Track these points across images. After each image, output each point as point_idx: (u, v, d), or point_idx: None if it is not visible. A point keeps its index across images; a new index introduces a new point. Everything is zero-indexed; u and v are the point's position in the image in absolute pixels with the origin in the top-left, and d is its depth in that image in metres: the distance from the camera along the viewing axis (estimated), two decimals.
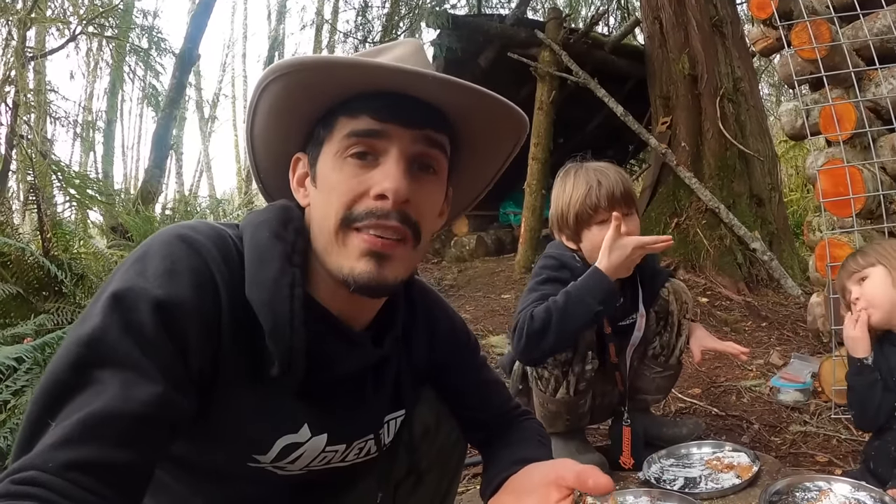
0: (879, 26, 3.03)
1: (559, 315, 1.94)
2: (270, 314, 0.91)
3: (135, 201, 7.47)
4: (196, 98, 21.17)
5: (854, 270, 1.94)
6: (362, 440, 1.13)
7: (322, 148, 0.99)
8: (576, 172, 2.14)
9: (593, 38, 6.90)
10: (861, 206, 2.84)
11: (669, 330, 2.30)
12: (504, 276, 5.87)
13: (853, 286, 1.94)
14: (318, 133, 1.01)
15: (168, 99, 10.54)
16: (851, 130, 2.92)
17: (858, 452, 2.32)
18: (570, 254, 2.15)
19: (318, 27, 15.36)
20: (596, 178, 2.08)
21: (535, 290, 2.10)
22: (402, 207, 0.94)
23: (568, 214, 2.10)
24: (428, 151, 0.99)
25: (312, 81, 0.94)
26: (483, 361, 1.41)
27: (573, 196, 2.09)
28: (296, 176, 1.06)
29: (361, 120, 0.95)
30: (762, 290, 5.12)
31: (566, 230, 2.14)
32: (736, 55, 5.95)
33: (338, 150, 0.96)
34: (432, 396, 1.32)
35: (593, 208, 2.06)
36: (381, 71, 0.92)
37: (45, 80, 8.62)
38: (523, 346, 1.98)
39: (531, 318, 1.96)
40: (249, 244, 0.96)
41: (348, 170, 0.95)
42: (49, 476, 0.71)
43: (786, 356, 3.50)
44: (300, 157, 1.05)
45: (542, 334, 1.95)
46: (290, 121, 1.02)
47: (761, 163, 5.72)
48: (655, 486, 1.97)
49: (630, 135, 6.65)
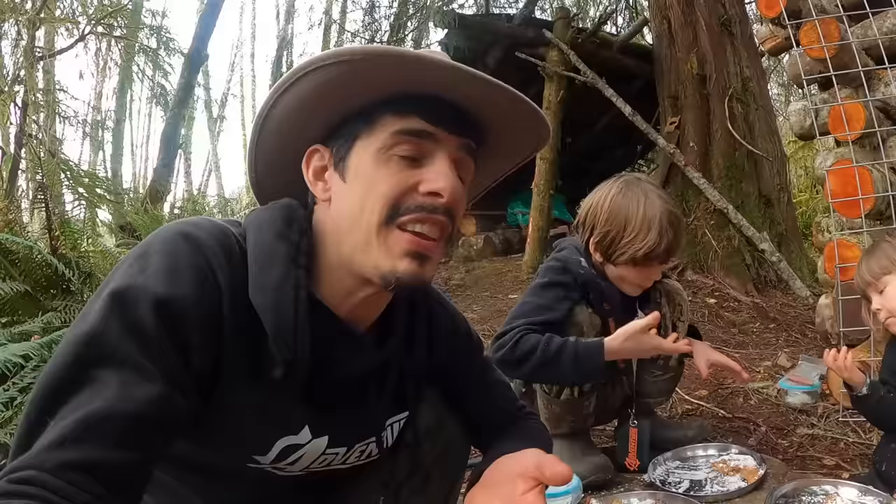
0: (889, 25, 3.02)
1: (542, 359, 1.93)
2: (274, 318, 0.91)
3: (143, 200, 7.52)
4: (204, 98, 21.22)
5: (870, 281, 1.92)
6: (364, 443, 1.13)
7: (356, 142, 0.97)
8: (648, 200, 2.01)
9: (601, 37, 6.88)
10: (870, 207, 2.82)
11: (663, 333, 2.24)
12: (511, 277, 5.86)
13: (874, 295, 1.93)
14: (352, 127, 0.98)
15: (177, 98, 10.59)
16: (861, 130, 2.90)
17: (866, 456, 2.31)
18: (577, 258, 2.11)
19: (326, 27, 15.37)
20: (670, 227, 1.98)
21: (536, 294, 2.08)
22: (450, 205, 0.96)
23: (620, 240, 2.01)
24: (466, 159, 1.01)
25: (368, 72, 0.92)
26: (487, 362, 1.40)
27: (634, 234, 1.98)
28: (311, 168, 1.02)
29: (412, 120, 0.95)
30: (770, 291, 5.09)
31: (604, 246, 2.05)
32: (745, 55, 5.92)
33: (382, 146, 0.95)
34: (435, 397, 1.31)
35: (648, 256, 1.98)
36: (454, 71, 0.92)
37: (55, 79, 8.68)
38: (497, 360, 1.94)
39: (517, 342, 1.95)
40: (253, 245, 0.95)
41: (394, 166, 0.95)
42: (46, 475, 0.71)
43: (794, 358, 3.48)
44: (318, 150, 1.02)
45: (518, 365, 1.96)
46: (319, 111, 0.98)
47: (770, 163, 5.69)
48: (660, 489, 1.97)
49: (638, 135, 6.62)
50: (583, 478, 2.01)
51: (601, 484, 2.09)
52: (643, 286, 2.15)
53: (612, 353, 1.94)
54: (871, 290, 1.93)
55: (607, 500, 1.88)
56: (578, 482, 1.93)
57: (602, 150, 9.17)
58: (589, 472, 2.08)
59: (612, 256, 2.04)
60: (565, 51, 6.18)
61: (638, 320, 1.95)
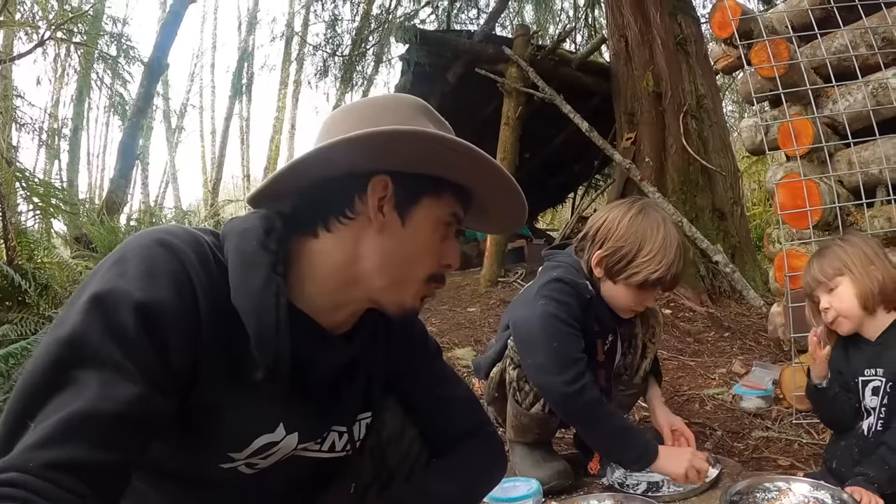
0: (837, 45, 3.14)
1: (594, 423, 2.02)
2: (256, 322, 0.94)
3: (100, 211, 7.37)
4: (163, 108, 20.85)
5: (821, 280, 1.96)
6: (327, 432, 1.16)
7: (422, 200, 1.07)
8: (666, 227, 2.04)
9: (560, 54, 6.98)
10: (818, 218, 2.93)
11: (633, 352, 2.30)
12: (470, 290, 5.89)
13: (822, 294, 1.97)
14: (421, 183, 1.07)
15: (135, 108, 10.38)
16: (809, 145, 3.02)
17: (819, 456, 2.38)
18: (584, 282, 2.09)
19: (287, 39, 15.34)
20: (681, 256, 2.02)
21: (570, 326, 2.02)
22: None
23: (633, 259, 2.01)
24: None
25: (445, 156, 1.04)
26: (445, 375, 1.40)
27: (651, 256, 1.99)
28: (377, 194, 1.04)
29: (459, 207, 1.12)
30: (725, 301, 5.22)
31: (612, 262, 2.04)
32: (699, 73, 6.10)
33: (440, 217, 1.09)
34: (398, 405, 1.34)
35: (659, 281, 2.01)
36: (502, 181, 1.10)
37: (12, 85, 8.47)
38: (570, 393, 1.94)
39: (598, 402, 1.97)
40: (234, 251, 0.98)
41: (440, 237, 1.11)
42: (29, 476, 0.72)
43: (748, 365, 3.58)
44: (387, 182, 1.04)
45: (576, 411, 2.00)
46: (390, 158, 1.04)
47: (724, 177, 5.85)
48: (620, 491, 2.01)
49: (595, 150, 6.73)
50: (544, 483, 2.02)
51: (561, 489, 2.13)
52: (636, 310, 2.16)
53: (655, 462, 2.00)
54: (821, 290, 1.96)
55: (568, 503, 1.92)
56: (539, 487, 1.95)
57: (560, 165, 9.31)
58: (550, 477, 2.11)
59: (619, 274, 2.04)
60: (524, 67, 6.26)
61: (694, 463, 1.97)
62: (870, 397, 1.91)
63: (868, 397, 1.91)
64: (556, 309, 2.00)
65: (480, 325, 4.67)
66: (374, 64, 10.28)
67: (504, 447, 1.46)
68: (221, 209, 9.14)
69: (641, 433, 2.08)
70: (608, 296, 2.11)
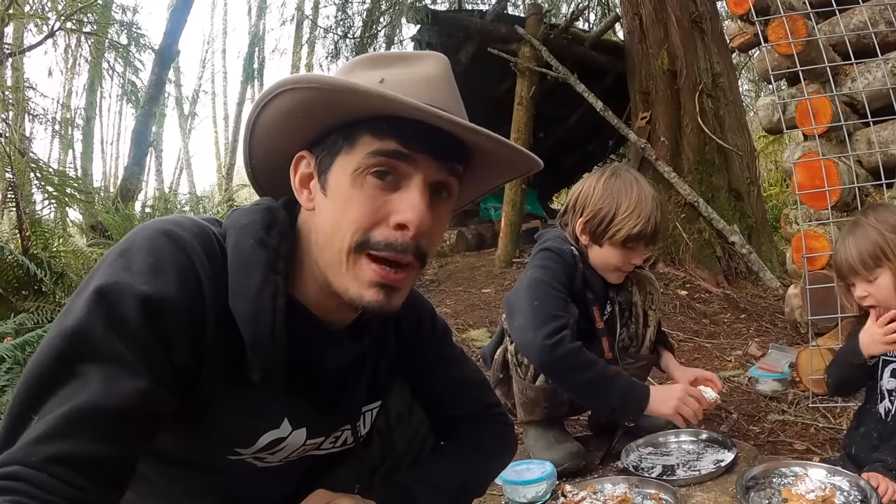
0: (856, 22, 3.08)
1: (597, 379, 1.99)
2: (252, 327, 0.91)
3: (114, 199, 7.40)
4: (175, 94, 20.95)
5: (860, 273, 1.90)
6: (339, 430, 1.15)
7: (337, 158, 0.96)
8: (639, 184, 2.12)
9: (573, 33, 6.91)
10: (836, 199, 2.89)
11: (635, 320, 2.32)
12: (485, 271, 5.87)
13: (860, 283, 1.92)
14: (334, 141, 0.96)
15: (147, 95, 10.40)
16: (827, 124, 2.97)
17: (836, 440, 2.37)
18: (569, 248, 2.15)
19: (298, 23, 15.25)
20: (659, 210, 2.10)
21: (540, 295, 2.04)
22: (418, 239, 0.94)
23: (609, 221, 2.08)
24: (448, 179, 0.99)
25: (336, 101, 0.91)
26: (454, 356, 1.38)
27: (629, 212, 2.07)
28: (298, 175, 1.01)
29: (388, 142, 0.92)
30: (741, 282, 5.18)
31: (594, 225, 2.12)
32: (715, 51, 6.00)
33: (358, 167, 0.93)
34: (405, 385, 1.33)
35: (641, 235, 2.07)
36: (418, 112, 0.89)
37: (24, 77, 8.50)
38: (557, 356, 1.95)
39: (577, 351, 1.97)
40: (233, 248, 0.95)
41: (368, 190, 0.93)
42: (32, 470, 0.72)
43: (764, 347, 3.55)
44: (304, 156, 1.01)
45: (570, 372, 1.98)
46: (303, 124, 0.97)
47: (740, 157, 5.78)
48: (634, 474, 2.00)
49: (610, 130, 6.68)
50: (557, 465, 2.04)
51: (575, 471, 2.13)
52: (625, 270, 2.19)
53: (649, 403, 2.02)
54: (859, 280, 1.92)
55: (582, 486, 1.91)
56: (553, 469, 1.96)
57: (574, 145, 9.24)
58: (563, 459, 2.12)
59: (602, 235, 2.10)
60: (537, 47, 6.21)
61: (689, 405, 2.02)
62: (888, 379, 1.89)
63: (886, 378, 1.89)
64: (541, 274, 2.08)
65: (495, 305, 4.65)
66: (385, 45, 10.19)
67: (513, 429, 1.45)
68: (236, 194, 9.14)
69: (627, 378, 2.07)
70: (597, 261, 2.17)
